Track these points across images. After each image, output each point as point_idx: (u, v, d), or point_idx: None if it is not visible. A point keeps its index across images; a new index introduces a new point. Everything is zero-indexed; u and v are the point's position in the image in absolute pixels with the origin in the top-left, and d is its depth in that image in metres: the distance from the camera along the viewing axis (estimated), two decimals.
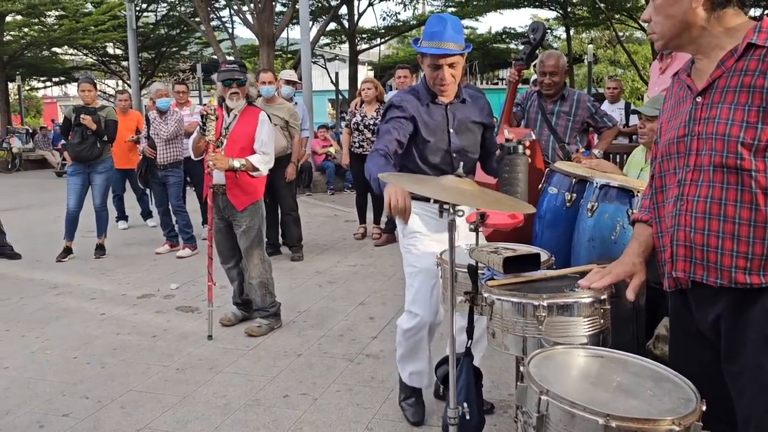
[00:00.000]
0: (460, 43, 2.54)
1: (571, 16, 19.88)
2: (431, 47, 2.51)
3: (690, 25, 1.55)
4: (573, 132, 4.01)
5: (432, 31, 2.51)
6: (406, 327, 2.74)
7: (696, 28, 1.55)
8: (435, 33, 2.51)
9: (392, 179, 1.83)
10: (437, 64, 2.54)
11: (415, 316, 2.69)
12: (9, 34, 20.41)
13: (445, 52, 2.50)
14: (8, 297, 4.99)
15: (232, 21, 18.38)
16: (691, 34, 1.56)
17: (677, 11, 1.54)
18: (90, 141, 6.02)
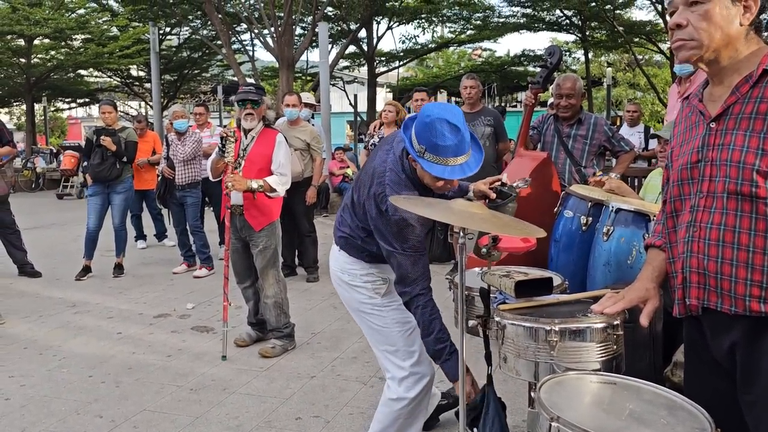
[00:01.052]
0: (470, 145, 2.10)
1: (590, 40, 19.90)
2: (438, 172, 2.04)
3: (731, 41, 1.51)
4: (589, 155, 4.01)
5: (444, 146, 2.02)
6: (413, 394, 2.40)
7: (732, 47, 1.51)
8: (448, 148, 2.02)
9: (401, 202, 1.83)
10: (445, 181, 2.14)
11: (423, 377, 2.41)
12: (36, 57, 20.89)
13: (462, 175, 2.07)
14: (28, 315, 5.05)
15: (252, 44, 18.67)
16: (728, 50, 1.51)
17: (726, 23, 1.49)
18: (109, 162, 6.10)
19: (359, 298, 2.44)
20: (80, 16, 20.47)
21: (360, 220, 2.35)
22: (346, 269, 2.44)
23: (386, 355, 2.44)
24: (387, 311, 2.40)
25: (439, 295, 2.25)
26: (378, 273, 2.41)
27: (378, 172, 2.22)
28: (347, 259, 2.44)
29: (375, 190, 2.20)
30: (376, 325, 2.42)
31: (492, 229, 1.71)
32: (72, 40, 20.63)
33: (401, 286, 2.18)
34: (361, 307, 2.44)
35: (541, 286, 1.98)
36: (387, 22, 19.81)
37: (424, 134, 2.03)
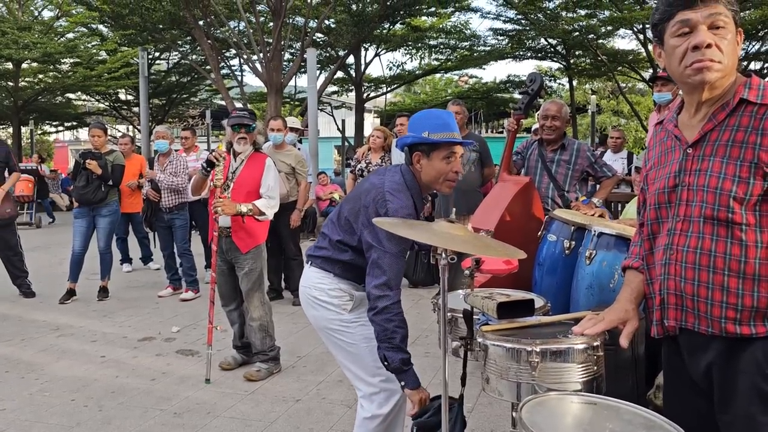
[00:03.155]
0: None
1: (574, 68, 20.26)
2: (448, 137, 2.28)
3: (732, 70, 1.54)
4: (572, 180, 4.07)
5: (443, 123, 2.30)
6: (386, 410, 2.39)
7: (731, 75, 1.55)
8: (446, 125, 2.30)
9: (386, 224, 1.87)
10: (453, 152, 2.32)
11: (393, 392, 2.39)
12: (24, 80, 20.90)
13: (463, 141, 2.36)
14: (10, 338, 4.99)
15: (241, 69, 18.84)
16: (728, 78, 1.54)
17: (736, 52, 1.53)
18: (94, 185, 6.09)
19: (327, 316, 2.45)
20: (69, 40, 20.56)
21: (343, 232, 2.39)
22: (315, 284, 2.46)
23: (356, 373, 2.45)
24: (355, 327, 2.42)
25: (425, 318, 2.27)
26: (346, 288, 2.43)
27: (375, 184, 2.32)
28: (317, 274, 2.46)
29: (374, 196, 2.27)
30: (344, 342, 2.44)
31: (474, 250, 1.74)
32: (60, 64, 20.67)
33: (382, 290, 2.19)
34: (330, 324, 2.45)
35: (523, 307, 2.01)
36: (375, 48, 20.08)
37: (422, 122, 2.32)
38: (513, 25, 19.07)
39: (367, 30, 16.25)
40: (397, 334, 2.17)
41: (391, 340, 2.16)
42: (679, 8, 1.52)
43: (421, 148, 2.32)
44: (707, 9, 1.49)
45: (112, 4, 14.69)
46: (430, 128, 2.29)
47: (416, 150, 2.33)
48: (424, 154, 2.32)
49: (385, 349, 2.18)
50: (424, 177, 2.35)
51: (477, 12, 19.08)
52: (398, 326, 2.18)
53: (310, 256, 2.51)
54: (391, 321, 2.17)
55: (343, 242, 2.38)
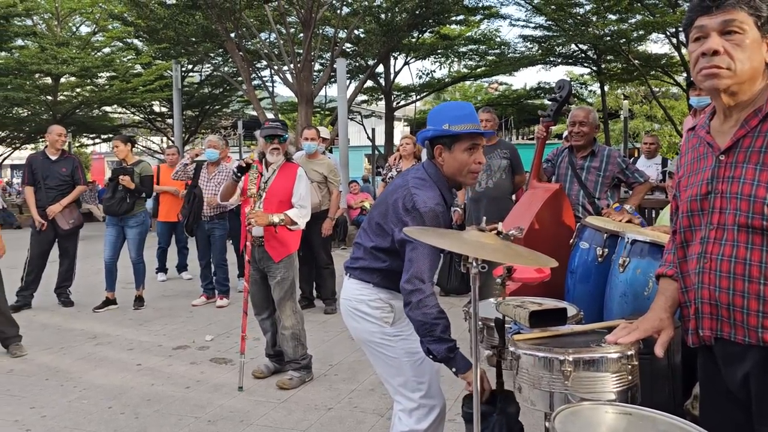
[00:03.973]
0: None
1: (605, 72, 20.01)
2: (470, 128, 2.27)
3: (755, 75, 1.51)
4: (603, 187, 4.03)
5: (463, 114, 2.28)
6: (424, 426, 2.37)
7: (754, 81, 1.52)
8: (467, 115, 2.28)
9: (416, 234, 1.87)
10: (476, 144, 2.30)
11: (433, 408, 2.38)
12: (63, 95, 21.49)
13: (486, 132, 2.37)
14: (50, 346, 5.12)
15: (272, 80, 19.06)
16: (750, 84, 1.52)
17: (756, 57, 1.50)
18: (119, 196, 6.19)
19: (369, 328, 2.44)
20: (106, 54, 21.08)
21: (375, 236, 2.39)
22: (355, 296, 2.46)
23: (396, 387, 2.43)
24: (397, 341, 2.41)
25: (456, 327, 2.27)
26: (386, 299, 2.42)
27: (400, 184, 2.34)
28: (357, 285, 2.46)
29: (401, 194, 2.28)
30: (386, 356, 2.43)
31: (505, 259, 1.74)
32: (97, 78, 21.21)
33: (414, 284, 2.17)
34: (371, 336, 2.45)
35: (556, 316, 1.99)
36: (404, 57, 20.13)
37: (442, 114, 2.30)
38: (543, 32, 18.95)
39: (396, 39, 16.31)
40: (437, 325, 2.14)
41: (432, 333, 2.14)
42: (698, 14, 1.53)
43: (443, 140, 2.30)
44: (721, 15, 1.49)
45: (146, 19, 15.03)
46: (450, 120, 2.27)
47: (438, 143, 2.31)
48: (446, 147, 2.30)
49: (428, 343, 2.16)
50: (446, 169, 2.33)
51: (506, 19, 19.07)
52: (437, 318, 2.15)
53: (348, 267, 2.51)
54: (428, 314, 2.14)
55: (377, 247, 2.38)
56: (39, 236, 6.42)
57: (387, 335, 2.42)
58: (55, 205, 6.31)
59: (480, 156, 2.32)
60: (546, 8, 16.92)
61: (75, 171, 6.50)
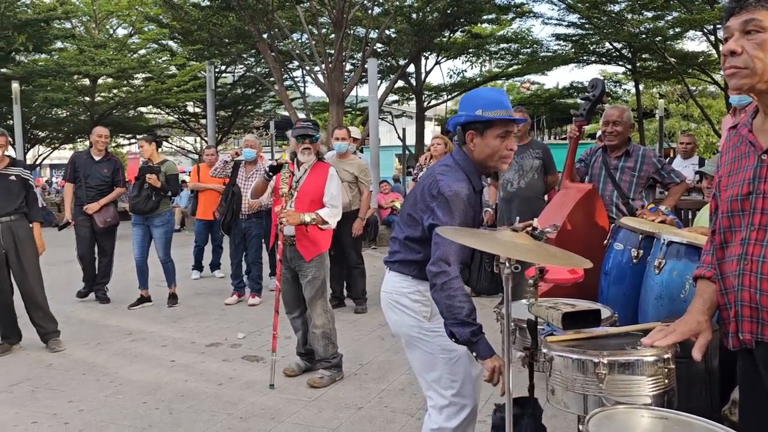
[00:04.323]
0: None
1: (641, 71, 19.66)
2: (503, 115, 2.28)
3: None
4: (638, 188, 3.96)
5: (497, 100, 2.30)
6: (454, 424, 2.38)
7: None
8: (500, 102, 2.30)
9: (449, 233, 1.87)
10: (509, 131, 2.31)
11: (464, 407, 2.40)
12: (100, 95, 21.99)
13: (519, 120, 2.41)
14: (87, 342, 5.24)
15: (304, 80, 19.22)
16: None
17: None
18: (145, 194, 6.27)
19: (408, 321, 2.46)
20: (141, 56, 21.53)
21: (407, 227, 2.43)
22: (395, 289, 2.48)
23: (429, 383, 2.45)
24: (433, 337, 2.41)
25: (487, 328, 2.26)
26: (424, 291, 2.42)
27: (427, 174, 2.38)
28: (396, 277, 2.49)
29: (428, 182, 2.33)
30: (423, 351, 2.44)
31: (538, 259, 1.72)
32: (133, 79, 21.66)
33: (439, 266, 2.18)
34: (410, 330, 2.46)
35: (589, 318, 1.97)
36: (435, 57, 20.07)
37: (475, 100, 2.32)
38: (576, 30, 18.70)
39: (428, 39, 16.28)
40: (462, 309, 2.14)
41: (456, 316, 2.14)
42: (728, 15, 1.54)
43: (475, 126, 2.31)
44: (743, 15, 1.49)
45: (181, 20, 15.27)
46: (483, 106, 2.28)
47: (470, 128, 2.32)
48: (478, 133, 2.31)
49: (451, 326, 2.16)
50: (477, 155, 2.34)
51: (538, 18, 18.81)
52: (462, 301, 2.15)
53: (387, 261, 2.55)
54: (453, 297, 2.15)
55: (410, 238, 2.41)
56: (79, 234, 6.58)
57: (424, 330, 2.43)
58: (93, 204, 6.46)
59: (512, 143, 2.33)
60: (579, 6, 16.68)
61: (116, 173, 6.65)
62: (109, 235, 6.73)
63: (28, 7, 17.67)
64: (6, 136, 4.95)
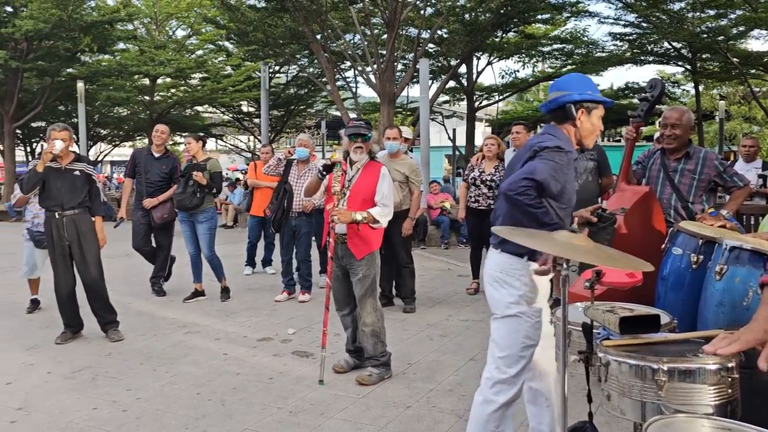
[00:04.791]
0: None
1: (701, 71, 19.01)
2: (606, 99, 2.70)
3: None
4: (698, 191, 3.84)
5: (597, 88, 2.69)
6: (502, 400, 2.58)
7: None
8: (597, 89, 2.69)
9: (506, 233, 1.85)
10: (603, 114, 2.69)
11: (513, 386, 2.59)
12: (159, 95, 22.69)
13: (607, 101, 2.75)
14: (145, 333, 5.41)
15: (355, 81, 19.33)
16: None
17: None
18: (190, 191, 6.39)
19: (508, 300, 2.56)
20: (199, 56, 22.12)
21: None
22: (506, 268, 2.59)
23: (497, 357, 2.60)
24: (525, 321, 2.54)
25: None
26: (531, 275, 2.53)
27: (525, 148, 2.63)
28: (510, 259, 2.59)
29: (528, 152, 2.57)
30: (509, 327, 2.56)
31: (597, 261, 1.69)
32: (191, 79, 22.26)
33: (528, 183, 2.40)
34: (508, 309, 2.56)
35: (648, 323, 1.92)
36: (487, 57, 19.89)
37: (583, 83, 2.67)
38: (633, 29, 18.22)
39: (480, 39, 16.15)
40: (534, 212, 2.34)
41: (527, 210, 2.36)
42: None
43: (587, 104, 2.61)
44: None
45: (238, 22, 15.59)
46: (592, 89, 2.63)
47: (582, 106, 2.61)
48: (587, 111, 2.61)
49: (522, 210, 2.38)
50: (582, 131, 2.63)
51: (594, 17, 18.35)
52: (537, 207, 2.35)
53: (497, 243, 2.64)
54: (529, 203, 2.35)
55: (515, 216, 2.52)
56: (135, 228, 6.81)
57: (520, 312, 2.55)
58: (152, 200, 6.67)
59: (601, 125, 2.66)
60: (638, 5, 16.24)
61: (174, 170, 6.82)
62: (165, 230, 6.91)
63: (93, 10, 18.35)
64: (71, 131, 5.14)
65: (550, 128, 2.66)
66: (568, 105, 2.60)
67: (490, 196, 6.44)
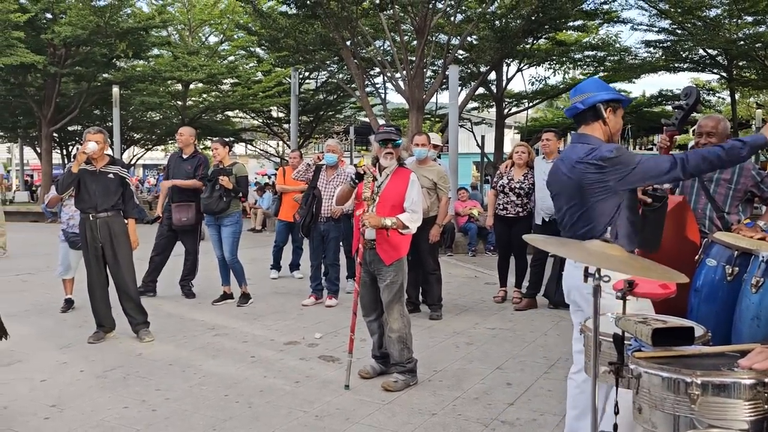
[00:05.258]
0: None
1: (737, 79, 18.62)
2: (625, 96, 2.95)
3: None
4: (734, 201, 3.75)
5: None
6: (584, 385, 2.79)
7: None
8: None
9: (538, 242, 1.84)
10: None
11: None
12: (191, 100, 23.07)
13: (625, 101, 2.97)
14: (174, 334, 5.49)
15: (385, 87, 19.40)
16: None
17: None
18: (216, 195, 6.44)
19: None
20: (230, 62, 22.44)
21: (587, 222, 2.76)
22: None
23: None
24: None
25: (567, 340, 2.21)
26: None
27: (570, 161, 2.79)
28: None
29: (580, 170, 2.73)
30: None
31: (631, 271, 1.67)
32: (222, 84, 22.60)
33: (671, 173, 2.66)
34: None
35: (681, 335, 1.88)
36: (517, 64, 19.78)
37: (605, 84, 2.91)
38: (667, 36, 17.94)
39: (510, 46, 16.07)
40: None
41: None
42: None
43: (615, 103, 2.83)
44: None
45: (269, 28, 15.77)
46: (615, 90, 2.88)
47: (611, 105, 2.83)
48: (614, 110, 2.83)
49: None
50: (612, 128, 2.83)
51: (627, 24, 18.11)
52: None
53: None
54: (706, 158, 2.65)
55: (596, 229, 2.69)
56: (159, 231, 6.94)
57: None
58: (167, 182, 6.83)
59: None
60: (672, 11, 15.99)
61: (198, 168, 6.88)
62: (188, 234, 6.96)
63: (129, 17, 18.75)
64: (105, 134, 5.25)
65: (583, 137, 2.80)
66: (598, 104, 2.79)
67: (518, 203, 6.39)
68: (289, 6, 15.00)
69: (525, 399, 3.91)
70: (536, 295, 6.55)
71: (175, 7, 21.87)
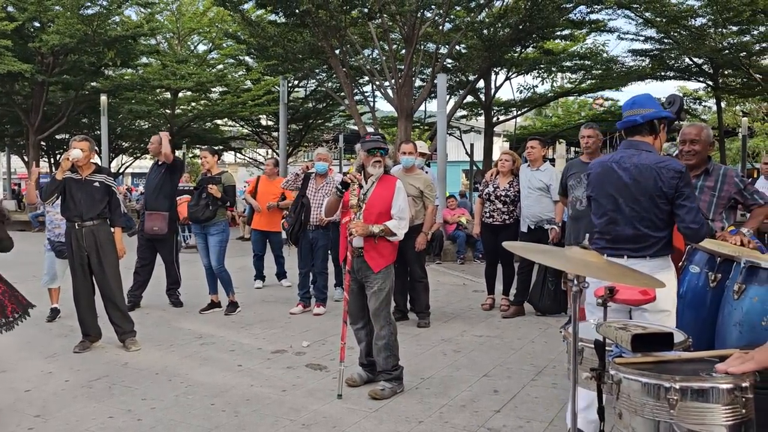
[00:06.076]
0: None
1: (723, 87, 18.82)
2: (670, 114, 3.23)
3: None
4: (718, 208, 3.80)
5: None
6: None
7: None
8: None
9: (517, 249, 1.86)
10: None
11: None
12: (179, 108, 23.01)
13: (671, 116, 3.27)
14: (161, 343, 5.45)
15: (373, 95, 19.42)
16: None
17: None
18: (202, 204, 6.45)
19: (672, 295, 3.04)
20: (219, 71, 22.41)
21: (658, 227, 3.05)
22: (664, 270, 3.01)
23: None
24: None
25: (552, 348, 2.22)
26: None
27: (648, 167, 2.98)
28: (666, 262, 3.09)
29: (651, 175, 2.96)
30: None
31: (609, 278, 1.69)
32: (211, 92, 22.56)
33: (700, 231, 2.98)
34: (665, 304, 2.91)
35: (661, 341, 1.90)
36: (505, 72, 19.90)
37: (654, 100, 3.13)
38: (653, 44, 18.12)
39: (498, 54, 16.15)
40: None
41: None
42: None
43: (665, 122, 3.10)
44: None
45: (258, 37, 15.77)
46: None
47: (663, 122, 3.09)
48: (665, 127, 3.12)
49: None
50: (662, 142, 3.10)
51: (614, 33, 18.28)
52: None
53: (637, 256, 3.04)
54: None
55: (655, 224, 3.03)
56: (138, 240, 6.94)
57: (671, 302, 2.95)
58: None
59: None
60: (658, 21, 16.16)
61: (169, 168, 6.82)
62: (163, 243, 6.89)
63: (117, 25, 18.70)
64: (91, 143, 5.23)
65: (643, 144, 3.05)
66: (656, 120, 3.03)
67: (504, 211, 6.42)
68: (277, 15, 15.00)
69: (512, 406, 3.92)
70: (524, 302, 6.58)
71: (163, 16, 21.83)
